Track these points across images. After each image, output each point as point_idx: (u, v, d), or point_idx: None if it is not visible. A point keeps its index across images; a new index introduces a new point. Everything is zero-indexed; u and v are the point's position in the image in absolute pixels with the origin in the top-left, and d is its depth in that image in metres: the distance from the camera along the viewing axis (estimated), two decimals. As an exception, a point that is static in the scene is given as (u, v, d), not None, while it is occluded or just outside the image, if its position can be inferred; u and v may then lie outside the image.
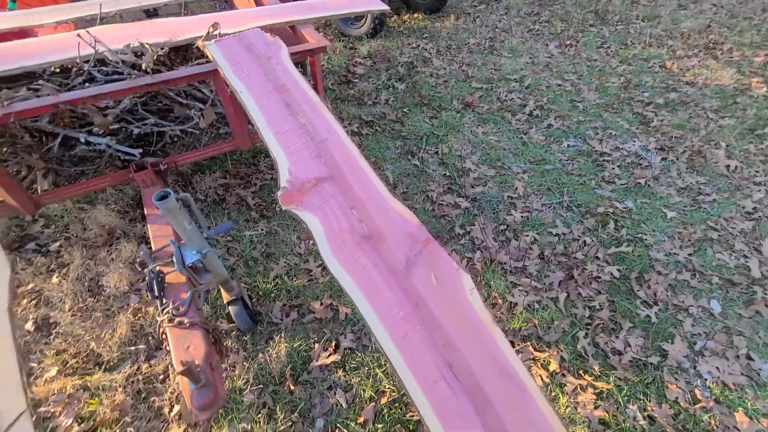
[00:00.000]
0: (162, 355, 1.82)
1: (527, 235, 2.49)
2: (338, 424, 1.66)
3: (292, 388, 1.75)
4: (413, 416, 1.69)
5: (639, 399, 1.76)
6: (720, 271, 2.31)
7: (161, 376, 1.76)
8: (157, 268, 1.49)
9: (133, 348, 1.83)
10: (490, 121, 3.48)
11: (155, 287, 1.43)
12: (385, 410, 1.70)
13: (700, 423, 1.70)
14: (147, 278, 1.44)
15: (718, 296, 2.20)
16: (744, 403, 1.76)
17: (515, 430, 1.16)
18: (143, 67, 1.74)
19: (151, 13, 2.90)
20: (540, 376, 1.84)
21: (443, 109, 3.59)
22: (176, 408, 1.65)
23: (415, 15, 5.34)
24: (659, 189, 2.84)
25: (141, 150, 1.95)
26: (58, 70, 1.90)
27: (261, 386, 1.75)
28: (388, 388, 1.77)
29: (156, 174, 1.94)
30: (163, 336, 1.38)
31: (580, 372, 1.84)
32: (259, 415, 1.65)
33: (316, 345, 1.91)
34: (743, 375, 1.86)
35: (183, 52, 2.13)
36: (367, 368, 1.83)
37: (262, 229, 2.44)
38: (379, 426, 1.65)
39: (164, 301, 1.44)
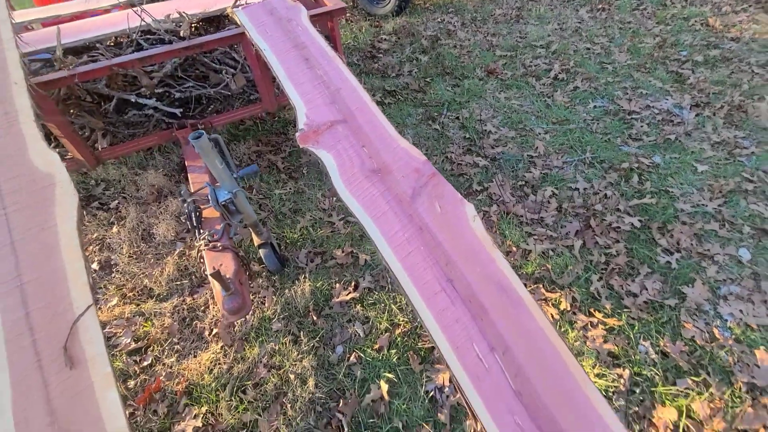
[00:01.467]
0: (203, 291, 2.06)
1: (545, 190, 2.50)
2: (356, 350, 1.81)
3: (315, 319, 1.93)
4: (424, 345, 1.81)
5: (652, 336, 1.77)
6: (753, 221, 2.22)
7: (202, 308, 2.00)
8: (195, 203, 1.71)
9: (178, 283, 2.08)
10: (513, 86, 3.47)
11: (193, 218, 1.64)
12: (399, 339, 1.83)
13: (717, 359, 1.69)
14: (186, 210, 1.65)
15: (748, 245, 2.12)
16: (767, 342, 1.72)
17: (508, 335, 1.25)
18: (181, 34, 1.96)
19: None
20: (550, 314, 1.89)
21: (466, 78, 3.62)
22: (215, 330, 1.88)
23: (441, -9, 5.34)
24: (691, 144, 2.74)
25: (182, 110, 2.18)
26: (112, 44, 2.18)
27: (287, 317, 1.94)
28: (402, 320, 1.90)
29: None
30: (200, 259, 1.59)
31: (591, 310, 1.87)
32: (286, 339, 1.84)
33: (337, 285, 2.07)
34: (769, 317, 1.81)
35: (216, 24, 2.35)
36: (383, 304, 1.97)
37: (290, 189, 2.64)
38: (393, 352, 1.79)
39: (201, 231, 1.65)
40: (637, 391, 1.62)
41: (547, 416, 1.12)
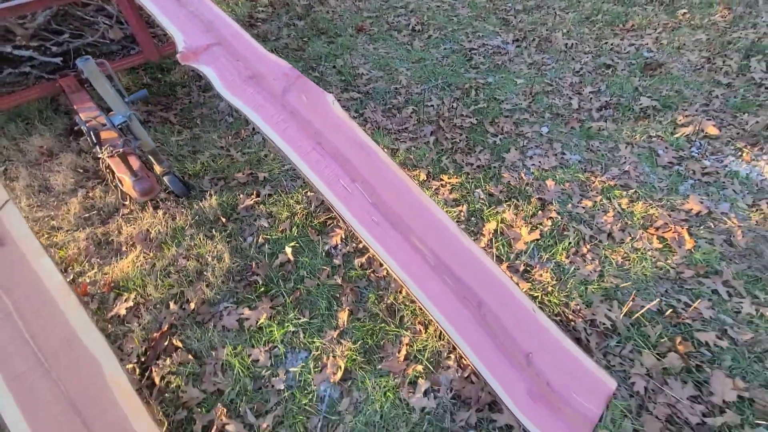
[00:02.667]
0: (114, 220, 2.25)
1: (408, 109, 3.10)
2: (263, 235, 2.19)
3: (224, 222, 2.26)
4: (319, 220, 2.26)
5: (482, 185, 2.44)
6: (551, 110, 3.05)
7: (116, 232, 2.20)
8: (92, 126, 1.92)
9: (87, 217, 2.24)
10: (380, 39, 4.05)
11: (92, 136, 1.87)
12: (298, 221, 2.25)
13: (523, 191, 2.40)
14: (85, 131, 1.86)
15: (548, 124, 2.93)
16: (555, 177, 2.49)
17: (366, 173, 1.75)
18: (48, -14, 2.10)
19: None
20: (413, 185, 2.45)
21: (339, 36, 4.11)
22: (132, 242, 2.11)
23: (312, -32, 5.75)
24: (513, 67, 3.56)
25: (62, 60, 2.30)
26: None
27: (198, 223, 2.24)
28: (300, 208, 2.32)
29: (78, 81, 2.32)
30: (107, 168, 1.83)
31: (441, 177, 2.49)
32: (200, 236, 2.15)
33: (241, 196, 2.41)
34: (556, 162, 2.59)
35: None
36: (282, 202, 2.37)
37: (186, 136, 2.88)
38: (294, 230, 2.21)
39: (102, 146, 1.88)
40: (473, 219, 2.26)
41: (394, 214, 1.64)
